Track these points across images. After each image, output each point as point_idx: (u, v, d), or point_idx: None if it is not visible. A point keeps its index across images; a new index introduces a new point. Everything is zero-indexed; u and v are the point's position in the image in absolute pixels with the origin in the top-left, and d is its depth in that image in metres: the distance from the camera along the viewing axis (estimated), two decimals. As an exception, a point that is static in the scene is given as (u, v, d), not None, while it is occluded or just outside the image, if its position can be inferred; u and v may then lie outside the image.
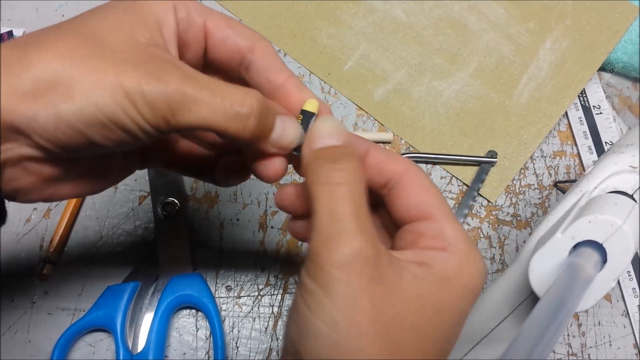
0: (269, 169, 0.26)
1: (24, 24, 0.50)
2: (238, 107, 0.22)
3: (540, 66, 0.51)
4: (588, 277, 0.26)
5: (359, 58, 0.51)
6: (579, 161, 0.49)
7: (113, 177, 0.28)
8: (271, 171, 0.26)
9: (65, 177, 0.25)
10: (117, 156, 0.28)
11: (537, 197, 0.48)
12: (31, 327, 0.40)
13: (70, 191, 0.26)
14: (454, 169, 0.48)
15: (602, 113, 0.51)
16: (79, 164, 0.25)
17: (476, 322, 0.35)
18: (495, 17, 0.52)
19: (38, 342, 0.40)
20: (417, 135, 0.48)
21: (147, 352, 0.38)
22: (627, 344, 0.44)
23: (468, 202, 0.46)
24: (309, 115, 0.26)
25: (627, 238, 0.27)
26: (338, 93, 0.49)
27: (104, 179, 0.27)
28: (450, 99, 0.49)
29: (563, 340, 0.43)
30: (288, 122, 0.25)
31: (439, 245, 0.24)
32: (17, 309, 0.40)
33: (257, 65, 0.27)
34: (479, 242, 0.45)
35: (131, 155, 0.29)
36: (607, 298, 0.45)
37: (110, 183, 0.28)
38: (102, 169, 0.27)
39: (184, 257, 0.42)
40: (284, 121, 0.25)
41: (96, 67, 0.21)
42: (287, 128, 0.25)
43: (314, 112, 0.26)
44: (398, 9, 0.52)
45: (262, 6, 0.52)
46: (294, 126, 0.25)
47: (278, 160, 0.26)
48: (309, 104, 0.26)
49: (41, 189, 0.24)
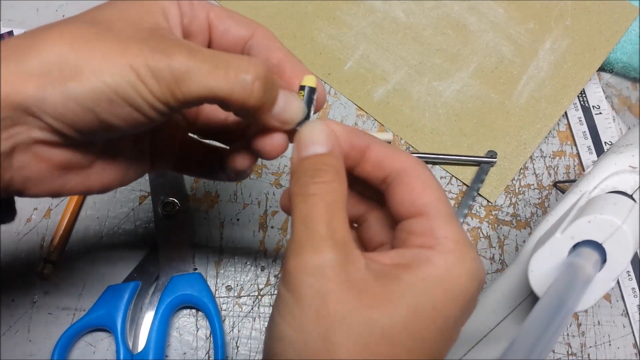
0: (270, 143, 0.26)
1: (24, 24, 0.50)
2: (243, 74, 0.22)
3: (539, 66, 0.51)
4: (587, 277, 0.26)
5: (359, 58, 0.51)
6: (579, 161, 0.49)
7: (122, 175, 0.28)
8: (272, 145, 0.26)
9: (75, 168, 0.25)
10: (127, 154, 0.28)
11: (537, 197, 0.48)
12: (32, 327, 0.40)
13: (79, 185, 0.26)
14: (454, 169, 0.48)
15: (602, 113, 0.51)
16: (89, 155, 0.25)
17: (476, 321, 0.35)
18: (494, 17, 0.52)
19: (38, 342, 0.40)
20: (417, 136, 0.48)
21: (148, 351, 0.38)
22: (627, 344, 0.44)
23: (468, 202, 0.46)
24: (310, 90, 0.26)
25: (627, 238, 0.27)
26: (338, 93, 0.50)
27: (113, 177, 0.27)
28: (450, 99, 0.49)
29: (562, 340, 0.43)
30: (290, 96, 0.25)
31: (427, 243, 0.23)
32: (18, 308, 0.40)
33: (257, 48, 0.27)
34: (479, 242, 0.46)
35: (141, 156, 0.29)
36: (607, 298, 0.45)
37: (118, 182, 0.28)
38: (111, 165, 0.27)
39: (184, 257, 0.42)
40: (286, 95, 0.25)
41: (103, 47, 0.21)
42: (289, 101, 0.25)
43: (313, 87, 0.26)
44: (398, 9, 0.52)
45: (262, 6, 0.52)
46: (296, 100, 0.25)
47: (279, 136, 0.26)
48: (308, 79, 0.27)
49: (51, 179, 0.24)
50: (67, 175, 0.25)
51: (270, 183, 0.46)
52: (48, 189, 0.25)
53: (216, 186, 0.45)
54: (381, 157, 0.26)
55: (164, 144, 0.30)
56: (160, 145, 0.30)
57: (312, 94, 0.26)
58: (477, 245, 0.45)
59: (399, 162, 0.25)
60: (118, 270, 0.42)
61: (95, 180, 0.26)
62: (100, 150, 0.26)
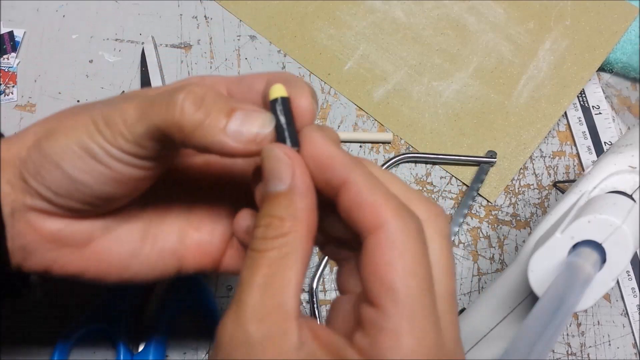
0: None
1: (24, 24, 0.50)
2: (174, 97, 0.22)
3: (539, 66, 0.51)
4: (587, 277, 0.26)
5: (359, 58, 0.51)
6: (578, 161, 0.49)
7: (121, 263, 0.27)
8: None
9: (70, 243, 0.26)
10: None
11: (537, 197, 0.48)
12: (33, 326, 0.40)
13: (72, 262, 0.26)
14: (454, 169, 0.48)
15: (601, 113, 0.51)
16: (86, 231, 0.26)
17: (475, 321, 0.35)
18: (494, 17, 0.52)
19: (39, 342, 0.40)
20: (416, 136, 0.48)
21: (148, 351, 0.38)
22: (626, 344, 0.44)
23: (467, 202, 0.46)
24: (283, 101, 0.22)
25: (626, 238, 0.27)
26: (338, 93, 0.50)
27: (111, 261, 0.27)
28: (449, 99, 0.50)
29: (562, 340, 0.43)
30: (250, 110, 0.22)
31: (374, 348, 0.18)
32: (19, 307, 0.40)
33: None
34: (479, 242, 0.46)
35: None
36: (607, 298, 0.45)
37: (115, 273, 0.27)
38: (112, 249, 0.27)
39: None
40: (245, 111, 0.21)
41: (79, 112, 0.24)
42: (248, 115, 0.21)
43: (285, 96, 0.22)
44: (398, 9, 0.52)
45: (262, 6, 0.52)
46: (258, 112, 0.22)
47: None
48: (275, 89, 0.22)
49: (43, 250, 0.25)
50: (60, 250, 0.25)
51: (270, 183, 0.46)
52: (40, 261, 0.25)
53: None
54: (357, 203, 0.19)
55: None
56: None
57: (286, 105, 0.22)
58: (476, 245, 0.45)
59: (374, 217, 0.19)
60: (118, 270, 0.42)
61: (92, 262, 0.26)
62: (101, 229, 0.26)
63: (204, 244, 0.28)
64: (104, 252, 0.26)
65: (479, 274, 0.45)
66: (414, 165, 0.48)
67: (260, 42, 0.51)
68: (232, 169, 0.29)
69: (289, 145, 0.21)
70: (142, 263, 0.27)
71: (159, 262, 0.27)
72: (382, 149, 0.48)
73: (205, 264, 0.28)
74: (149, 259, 0.27)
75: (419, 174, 0.47)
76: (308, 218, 0.20)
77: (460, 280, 0.44)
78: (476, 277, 0.45)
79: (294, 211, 0.20)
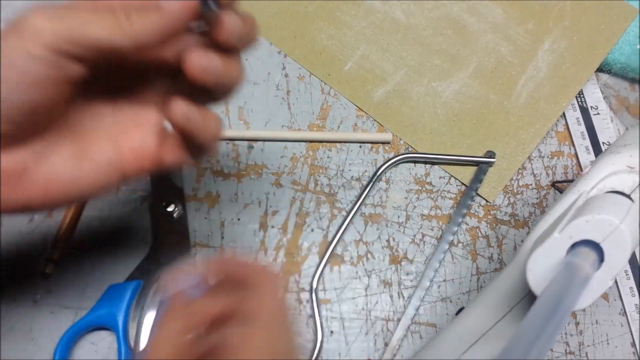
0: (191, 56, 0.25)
1: (26, 24, 0.50)
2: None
3: (538, 67, 0.51)
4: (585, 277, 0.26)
5: (359, 59, 0.51)
6: (577, 161, 0.50)
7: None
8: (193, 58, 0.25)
9: (3, 181, 0.25)
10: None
11: (535, 197, 0.48)
12: (33, 326, 0.40)
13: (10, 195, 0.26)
14: (453, 169, 0.48)
15: (600, 114, 0.51)
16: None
17: (474, 320, 0.35)
18: (494, 18, 0.53)
19: (40, 341, 0.40)
20: (416, 136, 0.49)
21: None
22: (625, 343, 0.44)
23: (466, 202, 0.46)
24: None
25: (625, 238, 0.27)
26: (338, 94, 0.50)
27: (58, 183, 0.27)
28: (449, 100, 0.50)
29: (561, 339, 0.44)
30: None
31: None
32: (20, 307, 0.41)
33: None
34: (477, 242, 0.46)
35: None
36: (605, 297, 0.45)
37: (63, 194, 0.27)
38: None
39: (185, 257, 0.42)
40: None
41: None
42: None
43: None
44: (397, 9, 0.53)
45: (262, 6, 0.52)
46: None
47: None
48: None
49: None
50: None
51: (270, 183, 0.46)
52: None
53: (217, 186, 0.45)
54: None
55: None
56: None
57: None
58: (475, 244, 0.46)
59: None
60: (120, 270, 0.42)
61: (34, 191, 0.26)
62: (32, 157, 0.26)
63: (138, 147, 0.28)
64: (43, 179, 0.26)
65: (478, 274, 0.45)
66: (413, 165, 0.48)
67: (260, 42, 0.51)
68: (150, 61, 0.28)
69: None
70: (84, 181, 0.27)
71: (100, 177, 0.27)
72: (381, 149, 0.48)
73: (145, 166, 0.28)
74: (90, 175, 0.27)
75: (418, 174, 0.48)
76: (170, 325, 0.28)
77: (459, 280, 0.45)
78: (475, 276, 0.45)
79: (165, 323, 0.28)
